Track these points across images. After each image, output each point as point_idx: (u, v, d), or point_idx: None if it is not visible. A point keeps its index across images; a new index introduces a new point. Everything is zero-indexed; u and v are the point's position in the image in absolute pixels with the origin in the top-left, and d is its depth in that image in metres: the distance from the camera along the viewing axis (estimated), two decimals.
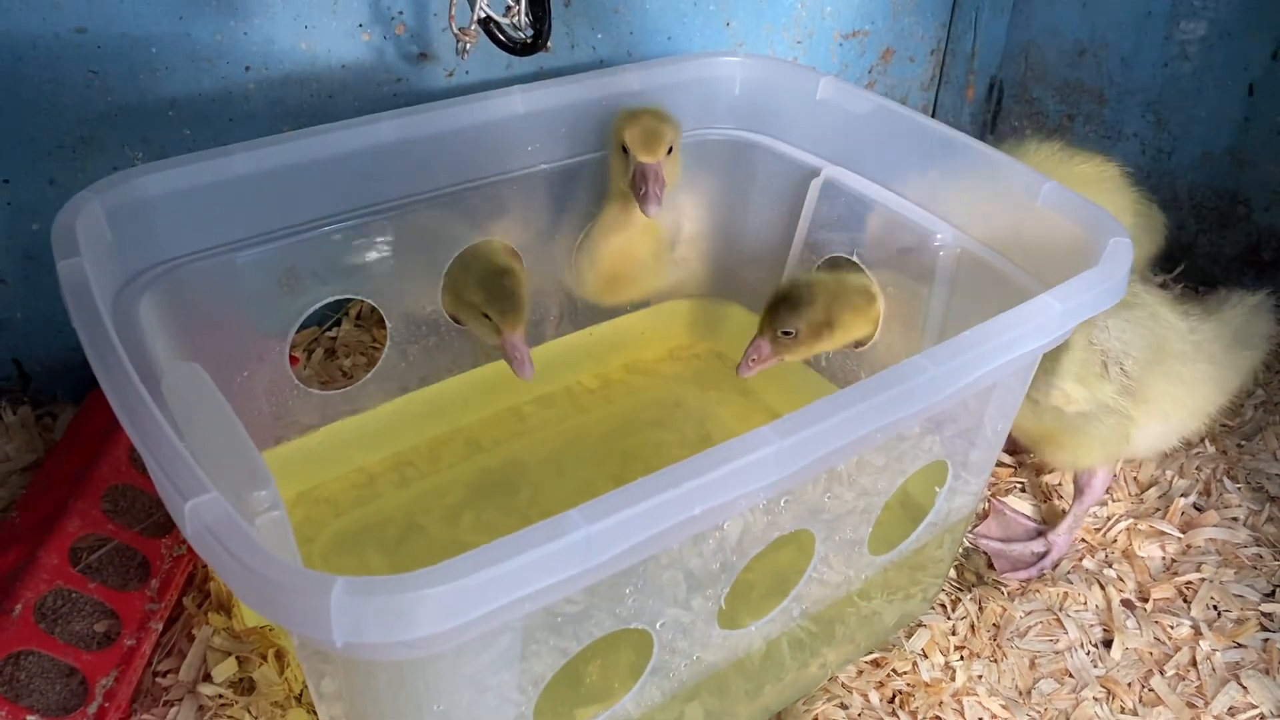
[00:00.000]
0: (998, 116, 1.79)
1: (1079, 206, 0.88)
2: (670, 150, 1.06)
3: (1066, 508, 1.14)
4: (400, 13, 1.21)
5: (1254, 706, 0.96)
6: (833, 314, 1.04)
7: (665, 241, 1.20)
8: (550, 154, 1.09)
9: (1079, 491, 1.11)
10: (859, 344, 1.12)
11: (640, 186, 1.03)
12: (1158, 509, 1.17)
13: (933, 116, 1.79)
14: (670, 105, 1.14)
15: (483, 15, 1.05)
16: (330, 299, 1.02)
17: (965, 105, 1.79)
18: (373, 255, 1.03)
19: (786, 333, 1.03)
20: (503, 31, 1.08)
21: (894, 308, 1.07)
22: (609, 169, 1.11)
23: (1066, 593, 1.07)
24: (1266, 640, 1.02)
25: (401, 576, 0.51)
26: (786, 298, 1.04)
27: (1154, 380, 1.00)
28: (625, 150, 1.05)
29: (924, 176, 1.02)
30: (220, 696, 0.92)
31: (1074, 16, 1.59)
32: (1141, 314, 1.00)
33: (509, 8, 1.05)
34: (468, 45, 1.06)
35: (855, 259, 1.09)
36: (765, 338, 1.05)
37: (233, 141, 0.92)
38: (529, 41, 1.06)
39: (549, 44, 1.05)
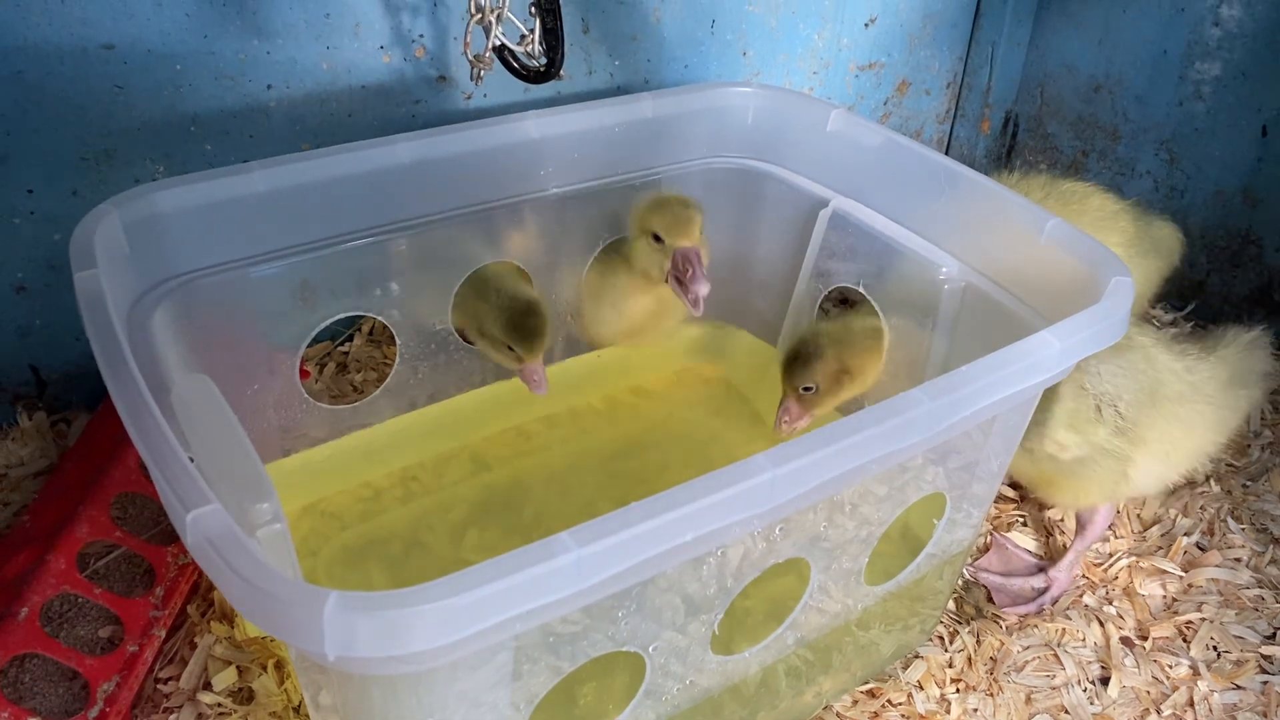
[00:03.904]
0: (1012, 151, 1.80)
1: (1082, 243, 0.88)
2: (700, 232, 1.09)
3: (1068, 543, 1.14)
4: (420, 36, 1.23)
5: None
6: (845, 360, 1.05)
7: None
8: (562, 178, 1.11)
9: (1080, 528, 1.11)
10: None
11: (686, 268, 1.06)
12: (1160, 547, 1.17)
13: (947, 150, 1.81)
14: (683, 133, 1.16)
15: (497, 43, 1.07)
16: (342, 315, 1.04)
17: (980, 139, 1.80)
18: (386, 274, 1.05)
19: (807, 389, 1.05)
20: (517, 59, 1.09)
21: (899, 340, 1.07)
22: (631, 251, 1.13)
23: (1065, 629, 1.07)
24: (1265, 683, 1.02)
25: (394, 593, 0.51)
26: (797, 355, 1.05)
27: (1151, 421, 1.00)
28: (657, 238, 1.07)
29: (931, 210, 1.03)
30: (219, 705, 0.93)
31: (1090, 53, 1.60)
32: (1134, 357, 0.99)
33: (523, 36, 1.06)
34: (482, 72, 1.08)
35: (861, 289, 1.10)
36: (791, 398, 1.06)
37: (253, 158, 0.94)
38: (542, 70, 1.08)
39: (562, 72, 1.07)
